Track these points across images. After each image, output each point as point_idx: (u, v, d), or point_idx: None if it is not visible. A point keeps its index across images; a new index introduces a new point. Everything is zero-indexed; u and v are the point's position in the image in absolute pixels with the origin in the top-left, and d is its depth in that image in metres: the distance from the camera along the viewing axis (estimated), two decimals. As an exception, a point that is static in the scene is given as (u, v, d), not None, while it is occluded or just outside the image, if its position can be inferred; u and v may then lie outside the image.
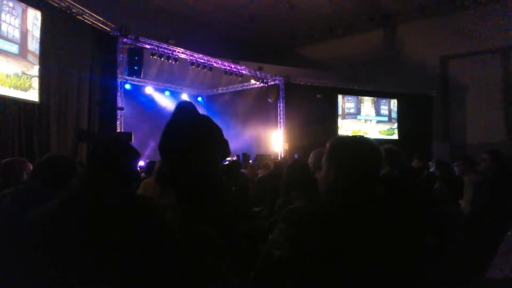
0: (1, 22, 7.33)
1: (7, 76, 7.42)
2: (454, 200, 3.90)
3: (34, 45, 8.03)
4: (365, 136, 1.63)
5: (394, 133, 16.02)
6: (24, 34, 7.80)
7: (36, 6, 8.02)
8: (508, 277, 2.25)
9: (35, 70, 8.02)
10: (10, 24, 7.53)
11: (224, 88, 16.69)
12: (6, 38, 7.39)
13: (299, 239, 1.44)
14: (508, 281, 2.22)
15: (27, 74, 7.86)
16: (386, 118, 16.04)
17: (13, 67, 7.55)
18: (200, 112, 3.31)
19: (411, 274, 1.40)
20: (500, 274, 2.28)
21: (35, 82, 8.01)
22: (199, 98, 17.43)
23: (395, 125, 16.06)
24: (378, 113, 15.93)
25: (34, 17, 8.04)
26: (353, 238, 1.36)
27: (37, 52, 8.07)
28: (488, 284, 2.24)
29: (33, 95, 7.96)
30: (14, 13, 7.63)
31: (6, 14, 7.42)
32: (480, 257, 2.54)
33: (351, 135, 2.38)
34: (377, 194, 1.48)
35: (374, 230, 1.39)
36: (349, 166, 1.48)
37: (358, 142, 1.56)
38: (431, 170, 7.14)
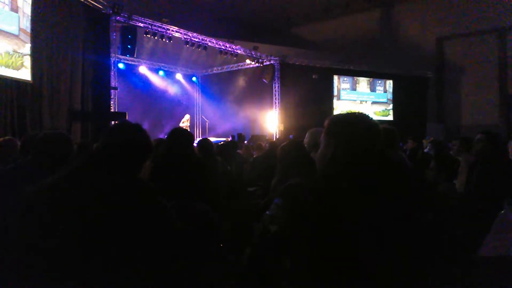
0: (-10, -2, 7.17)
1: (-2, 54, 7.30)
2: (449, 180, 3.94)
3: (25, 23, 7.87)
4: (364, 113, 1.63)
5: (389, 114, 16.03)
6: (14, 11, 7.64)
7: (26, -18, 7.83)
8: (499, 255, 2.29)
9: (26, 48, 7.88)
10: (0, 1, 7.36)
11: (219, 68, 16.53)
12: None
13: (296, 214, 1.45)
14: (500, 258, 2.26)
15: (19, 53, 7.72)
16: (381, 99, 16.02)
17: (4, 45, 7.41)
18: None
19: (407, 248, 1.41)
20: (492, 252, 2.32)
21: (27, 61, 7.87)
22: (194, 78, 17.29)
23: (390, 106, 16.06)
24: (373, 94, 15.92)
25: (25, -7, 7.86)
26: (350, 212, 1.36)
27: (29, 30, 7.92)
28: (480, 262, 2.27)
29: (25, 74, 7.84)
30: (4, -11, 7.45)
31: (-5, -9, 7.25)
32: (473, 235, 2.58)
33: (350, 112, 2.38)
34: (375, 169, 1.47)
35: (372, 204, 1.39)
36: (347, 142, 1.48)
37: (357, 118, 1.56)
38: (425, 150, 7.20)
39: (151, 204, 1.66)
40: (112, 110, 9.93)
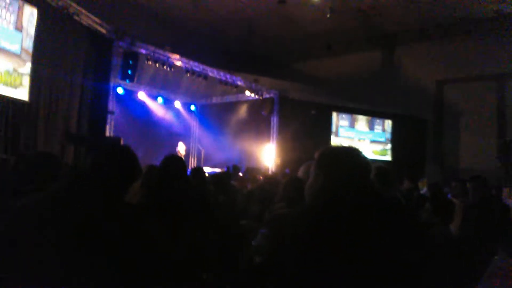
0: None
1: (-2, 72, 7.32)
2: (444, 223, 3.82)
3: (28, 42, 7.92)
4: (354, 147, 1.64)
5: (387, 153, 16.00)
6: (18, 30, 7.70)
7: (33, 3, 7.93)
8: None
9: (27, 68, 7.89)
10: (5, 20, 7.45)
11: (218, 98, 16.62)
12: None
13: (280, 243, 1.44)
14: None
15: (18, 72, 7.74)
16: (380, 138, 16.04)
17: (5, 63, 7.44)
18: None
19: (390, 284, 1.37)
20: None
21: (26, 80, 7.87)
22: (192, 107, 17.35)
23: (389, 146, 16.06)
24: (372, 133, 15.95)
25: (30, 14, 7.94)
26: (334, 244, 1.35)
27: (30, 50, 7.96)
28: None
29: (22, 93, 7.82)
30: (10, 9, 7.54)
31: (2, 10, 7.33)
32: (466, 280, 2.47)
33: (341, 145, 2.45)
34: (363, 203, 1.44)
35: (356, 238, 1.37)
36: (336, 174, 1.49)
37: (347, 152, 1.58)
38: (422, 192, 7.11)
39: (132, 225, 1.68)
40: (108, 134, 9.88)
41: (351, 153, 1.56)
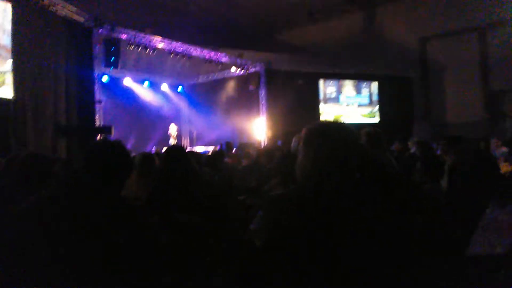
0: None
1: (-21, 72, 7.21)
2: (435, 180, 3.95)
3: (5, 39, 7.77)
4: (341, 121, 1.66)
5: (375, 115, 16.14)
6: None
7: (5, -2, 7.75)
8: (488, 252, 2.30)
9: (8, 65, 7.77)
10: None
11: (205, 77, 16.50)
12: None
13: (277, 226, 1.44)
14: (488, 256, 2.27)
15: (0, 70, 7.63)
16: (367, 101, 16.13)
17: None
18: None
19: (392, 255, 1.41)
20: (480, 250, 2.33)
21: (9, 78, 7.77)
22: (180, 88, 17.20)
23: (376, 108, 16.17)
24: (359, 96, 16.03)
25: (4, 10, 7.76)
26: (330, 222, 1.37)
27: (9, 47, 7.82)
28: (469, 260, 2.29)
29: (6, 91, 7.73)
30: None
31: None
32: (461, 234, 2.59)
33: (327, 120, 2.43)
34: (355, 177, 1.48)
35: (352, 213, 1.39)
36: (326, 151, 1.49)
37: (334, 127, 1.57)
38: (412, 151, 7.25)
39: (131, 222, 1.69)
40: (98, 124, 9.83)
41: (338, 128, 1.55)
